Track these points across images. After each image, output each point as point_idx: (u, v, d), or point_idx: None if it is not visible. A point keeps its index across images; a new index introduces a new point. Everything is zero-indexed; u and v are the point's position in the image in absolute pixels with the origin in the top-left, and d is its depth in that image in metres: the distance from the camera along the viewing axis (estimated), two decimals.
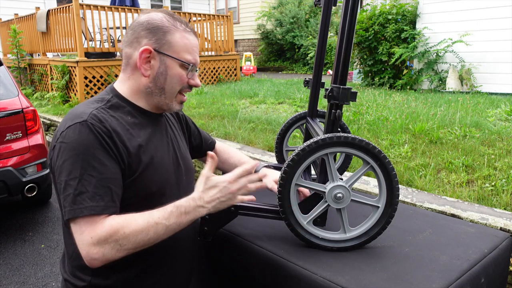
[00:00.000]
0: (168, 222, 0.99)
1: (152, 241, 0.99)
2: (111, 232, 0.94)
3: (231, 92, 6.89)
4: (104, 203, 0.96)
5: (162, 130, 1.21)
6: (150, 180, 1.08)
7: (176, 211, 1.00)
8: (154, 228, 0.97)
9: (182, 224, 1.02)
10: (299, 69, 13.75)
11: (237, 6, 16.06)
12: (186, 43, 1.12)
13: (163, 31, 1.10)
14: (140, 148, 1.08)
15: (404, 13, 7.18)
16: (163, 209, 1.00)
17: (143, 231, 0.96)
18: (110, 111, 1.09)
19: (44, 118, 6.30)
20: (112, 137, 1.02)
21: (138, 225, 0.96)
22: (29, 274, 2.77)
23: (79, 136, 0.98)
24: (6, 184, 3.14)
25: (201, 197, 1.04)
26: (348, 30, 1.20)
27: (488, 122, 4.00)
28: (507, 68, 6.34)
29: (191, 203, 1.03)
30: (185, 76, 1.13)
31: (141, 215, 0.98)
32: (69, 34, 7.19)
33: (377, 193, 1.19)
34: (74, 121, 1.00)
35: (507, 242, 1.30)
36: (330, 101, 1.20)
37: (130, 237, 0.95)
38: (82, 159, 0.96)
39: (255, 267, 1.23)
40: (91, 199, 0.95)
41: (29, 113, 3.36)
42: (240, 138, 4.21)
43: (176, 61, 1.11)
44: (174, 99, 1.15)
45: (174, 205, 1.01)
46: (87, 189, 0.95)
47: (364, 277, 1.04)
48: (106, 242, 0.93)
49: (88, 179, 0.95)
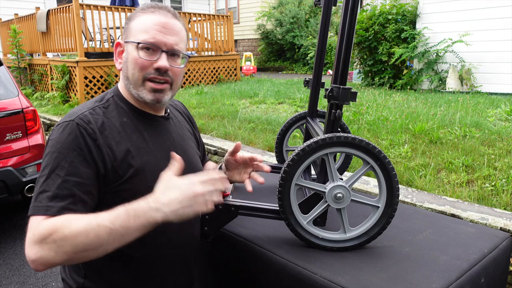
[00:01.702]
0: (113, 226, 0.85)
1: (95, 245, 0.86)
2: (51, 231, 0.85)
3: (231, 92, 6.89)
4: (61, 205, 0.90)
5: (163, 134, 1.15)
6: (142, 186, 1.00)
7: (124, 213, 0.86)
8: (95, 230, 0.85)
9: (130, 229, 0.86)
10: (299, 69, 13.74)
11: (237, 6, 16.06)
12: (144, 23, 1.05)
13: (130, 19, 1.08)
14: (130, 153, 1.03)
15: (404, 13, 7.18)
16: (112, 211, 0.88)
17: (82, 233, 0.85)
18: (106, 112, 1.06)
19: (44, 118, 6.30)
20: (96, 139, 0.98)
21: (78, 225, 0.85)
22: (29, 274, 2.77)
23: (60, 135, 0.97)
24: (6, 184, 3.14)
25: (156, 198, 0.88)
26: (348, 30, 1.20)
27: (488, 122, 4.00)
28: (507, 68, 6.34)
29: (142, 205, 0.87)
30: (139, 58, 1.03)
31: (87, 215, 0.89)
32: (69, 34, 7.18)
33: (377, 193, 1.19)
34: (64, 119, 1.00)
35: (507, 242, 1.30)
36: (330, 101, 1.20)
37: (68, 238, 0.85)
38: (55, 157, 0.95)
39: (255, 267, 1.23)
40: (50, 199, 0.91)
41: (29, 113, 3.36)
42: (240, 138, 4.21)
43: (132, 44, 1.05)
44: (140, 87, 1.06)
45: (123, 207, 0.88)
46: (50, 188, 0.92)
47: (364, 277, 1.04)
48: (44, 241, 0.85)
49: (54, 178, 0.93)
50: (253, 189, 1.67)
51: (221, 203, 1.05)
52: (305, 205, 1.20)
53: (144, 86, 1.06)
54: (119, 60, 1.10)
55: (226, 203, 1.22)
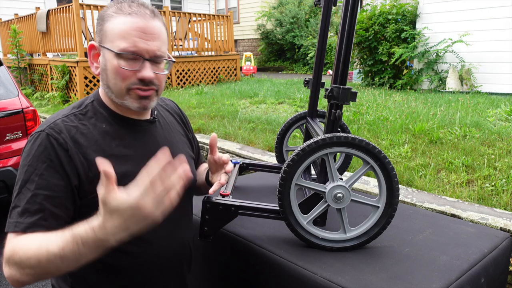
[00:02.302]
0: (63, 252, 0.79)
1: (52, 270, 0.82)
2: (11, 253, 0.84)
3: (231, 92, 6.89)
4: (30, 221, 0.86)
5: (147, 139, 1.08)
6: None
7: (72, 241, 0.78)
8: (46, 256, 0.80)
9: (82, 255, 0.79)
10: (299, 69, 13.75)
11: (237, 6, 16.06)
12: (121, 28, 0.94)
13: (103, 20, 0.98)
14: (109, 161, 0.91)
15: (404, 13, 7.18)
16: (62, 234, 0.80)
17: (33, 258, 0.81)
18: (83, 118, 1.00)
19: (44, 118, 6.30)
20: (68, 149, 0.93)
21: (30, 250, 0.82)
22: None
23: (30, 147, 0.93)
24: (6, 184, 3.14)
25: (103, 226, 0.76)
26: (348, 30, 1.20)
27: (488, 122, 4.00)
28: (507, 68, 6.34)
29: (89, 234, 0.77)
30: (121, 68, 0.95)
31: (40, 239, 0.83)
32: (69, 34, 7.19)
33: (377, 193, 1.19)
34: (37, 130, 0.96)
35: (507, 242, 1.30)
36: (330, 101, 1.20)
37: (24, 261, 0.82)
38: (25, 171, 0.91)
39: (255, 267, 1.23)
40: (19, 215, 0.87)
41: (29, 113, 3.36)
42: (240, 138, 4.21)
43: (110, 52, 0.95)
44: (125, 96, 0.99)
45: (71, 233, 0.79)
46: (20, 203, 0.88)
47: (364, 277, 1.04)
48: (9, 263, 0.84)
49: (24, 192, 0.89)
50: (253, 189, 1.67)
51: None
52: (305, 205, 1.20)
53: (128, 95, 0.98)
54: (95, 64, 1.02)
55: (226, 203, 1.22)
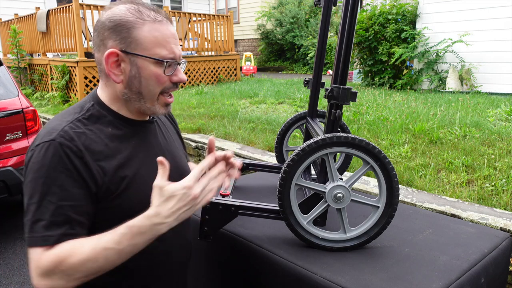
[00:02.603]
0: (120, 246, 0.86)
1: (106, 267, 0.88)
2: (57, 263, 0.85)
3: (231, 92, 6.89)
4: (60, 232, 0.87)
5: (151, 140, 1.09)
6: (134, 198, 0.97)
7: (129, 232, 0.86)
8: (103, 254, 0.86)
9: (139, 245, 0.88)
10: (299, 69, 13.75)
11: (237, 6, 16.06)
12: (157, 36, 0.96)
13: (127, 27, 0.95)
14: (120, 166, 0.97)
15: (404, 13, 7.18)
16: (114, 231, 0.87)
17: (90, 259, 0.85)
18: (88, 123, 0.98)
19: (44, 118, 6.30)
20: (83, 157, 0.92)
21: (85, 253, 0.85)
22: (29, 274, 2.77)
23: (43, 158, 0.90)
24: (6, 184, 3.14)
25: (157, 212, 0.87)
26: (348, 30, 1.20)
27: (488, 122, 4.00)
28: (507, 68, 6.34)
29: (145, 222, 0.87)
30: (163, 75, 0.98)
31: (89, 240, 0.88)
32: (69, 34, 7.19)
33: (377, 193, 1.19)
34: (43, 139, 0.92)
35: (507, 242, 1.30)
36: (330, 101, 1.20)
37: (77, 266, 0.85)
38: (42, 183, 0.89)
39: (255, 267, 1.23)
40: (46, 228, 0.87)
41: (29, 113, 3.36)
42: (240, 138, 4.21)
43: (148, 59, 0.96)
44: (156, 102, 1.02)
45: (126, 226, 0.87)
46: (44, 216, 0.87)
47: (364, 277, 1.04)
48: (53, 273, 0.85)
49: (47, 205, 0.88)
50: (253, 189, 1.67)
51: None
52: (305, 205, 1.20)
53: (158, 101, 1.02)
54: (114, 72, 0.98)
55: (226, 203, 1.22)
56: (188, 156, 1.48)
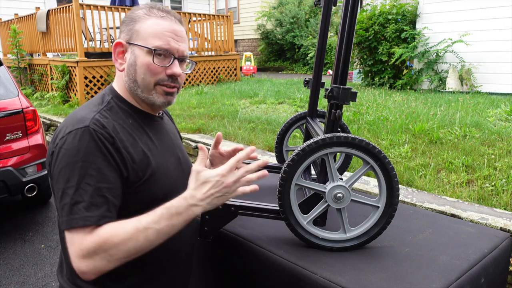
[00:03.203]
0: (159, 226, 0.92)
1: (144, 247, 0.93)
2: (100, 243, 0.89)
3: (231, 92, 6.89)
4: (99, 213, 0.92)
5: (164, 133, 1.17)
6: (156, 186, 1.04)
7: (167, 213, 0.93)
8: (144, 233, 0.91)
9: (175, 226, 0.95)
10: (299, 69, 13.75)
11: (237, 6, 16.06)
12: (155, 28, 1.03)
13: (134, 21, 1.05)
14: (145, 153, 1.04)
15: (404, 13, 7.18)
16: (153, 212, 0.94)
17: (132, 239, 0.90)
18: (111, 114, 1.04)
19: (44, 118, 6.30)
20: (115, 143, 0.97)
21: (127, 232, 0.90)
22: (29, 274, 2.77)
23: (79, 143, 0.94)
24: (6, 184, 3.14)
25: (193, 195, 0.96)
26: (348, 30, 1.20)
27: (488, 122, 4.00)
28: (507, 68, 6.34)
29: (182, 203, 0.95)
30: (154, 64, 1.03)
31: (129, 221, 0.93)
32: (69, 34, 7.19)
33: (377, 193, 1.19)
34: (75, 126, 0.96)
35: (507, 242, 1.30)
36: (330, 101, 1.20)
37: (119, 246, 0.90)
38: (80, 166, 0.92)
39: (255, 267, 1.23)
40: (86, 209, 0.90)
41: (29, 113, 3.36)
42: (240, 138, 4.21)
43: (143, 48, 1.03)
44: (152, 91, 1.07)
45: (164, 207, 0.94)
46: (83, 198, 0.91)
47: (364, 277, 1.04)
48: (95, 253, 0.89)
49: (85, 188, 0.91)
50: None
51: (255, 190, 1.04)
52: (305, 205, 1.20)
53: (155, 90, 1.07)
54: (119, 61, 1.08)
55: (226, 203, 1.22)
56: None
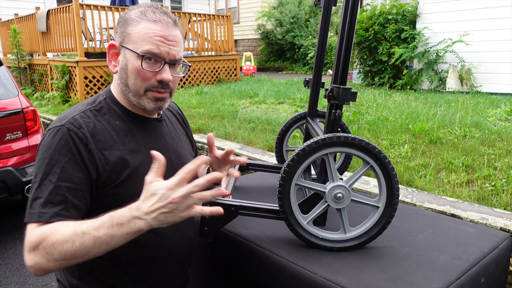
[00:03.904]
0: (97, 233, 0.85)
1: (82, 253, 0.86)
2: (41, 239, 0.87)
3: (231, 92, 6.89)
4: (54, 211, 0.91)
5: (156, 137, 1.14)
6: (132, 190, 0.98)
7: (108, 221, 0.86)
8: (80, 238, 0.85)
9: (115, 237, 0.85)
10: (299, 69, 13.74)
11: (237, 6, 16.06)
12: (146, 33, 1.01)
13: (127, 23, 1.04)
14: (123, 157, 1.02)
15: (404, 13, 7.18)
16: (97, 218, 0.88)
17: (68, 241, 0.85)
18: (98, 115, 1.04)
19: (44, 118, 6.30)
20: (87, 144, 0.98)
21: (64, 233, 0.86)
22: (29, 274, 2.77)
23: (51, 141, 0.97)
24: (6, 184, 3.14)
25: (138, 207, 0.85)
26: (348, 30, 1.20)
27: (488, 122, 4.00)
28: (507, 68, 6.34)
29: (126, 213, 0.85)
30: (142, 70, 1.01)
31: (74, 223, 0.89)
32: (69, 34, 7.19)
33: (377, 193, 1.19)
34: (54, 124, 1.00)
35: (507, 242, 1.30)
36: (330, 101, 1.20)
37: (56, 245, 0.86)
38: (47, 163, 0.94)
39: (255, 267, 1.23)
40: (42, 206, 0.91)
41: (29, 113, 3.36)
42: (240, 138, 4.21)
43: (132, 53, 1.02)
44: (143, 96, 1.05)
45: (108, 215, 0.87)
46: (42, 194, 0.92)
47: (364, 277, 1.04)
48: (36, 248, 0.87)
49: (46, 184, 0.93)
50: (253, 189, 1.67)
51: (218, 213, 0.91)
52: (305, 205, 1.20)
53: (145, 96, 1.05)
54: (113, 63, 1.08)
55: (226, 203, 1.22)
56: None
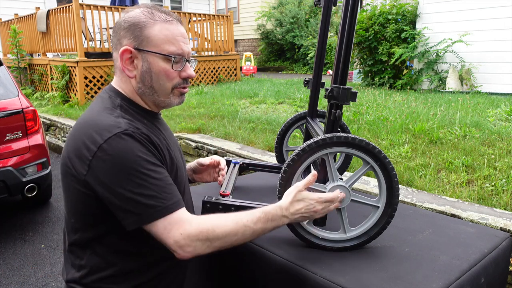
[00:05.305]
0: (256, 227, 1.02)
1: (238, 242, 1.02)
2: (202, 231, 0.97)
3: (231, 92, 6.89)
4: (175, 199, 0.99)
5: (167, 128, 1.22)
6: (178, 180, 1.11)
7: (264, 217, 1.03)
8: (242, 230, 1.00)
9: (266, 230, 1.04)
10: (299, 69, 13.74)
11: (237, 6, 16.05)
12: (166, 34, 1.04)
13: (140, 26, 1.04)
14: (168, 150, 1.09)
15: (404, 13, 7.18)
16: (251, 213, 1.03)
17: (231, 232, 0.99)
18: (131, 117, 1.05)
19: (44, 118, 6.30)
20: (153, 142, 1.02)
21: (228, 226, 0.99)
22: (29, 274, 2.77)
23: (127, 146, 0.95)
24: (6, 184, 3.14)
25: (287, 207, 1.05)
26: (348, 30, 1.20)
27: (488, 122, 4.00)
28: (507, 68, 6.34)
29: (278, 212, 1.05)
30: (172, 70, 1.06)
31: (229, 216, 1.02)
32: (69, 34, 7.19)
33: (377, 193, 1.19)
34: (112, 131, 0.96)
35: (507, 242, 1.30)
36: (330, 101, 1.20)
37: (220, 236, 0.98)
38: (138, 166, 0.95)
39: (255, 267, 1.23)
40: (165, 199, 0.97)
41: (29, 113, 3.36)
42: (240, 138, 4.21)
43: (157, 55, 1.04)
44: (170, 95, 1.10)
45: (262, 211, 1.03)
46: (156, 192, 0.96)
47: (364, 277, 1.04)
48: (197, 239, 0.97)
49: (152, 182, 0.96)
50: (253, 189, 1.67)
51: None
52: None
53: (172, 94, 1.10)
54: (128, 68, 1.06)
55: (226, 203, 1.22)
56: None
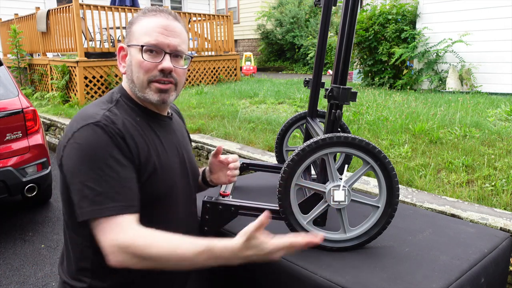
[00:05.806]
0: (196, 259, 0.92)
1: (172, 268, 0.96)
2: (133, 246, 0.91)
3: (231, 92, 6.89)
4: (124, 203, 0.94)
5: (171, 133, 1.19)
6: (159, 183, 1.06)
7: (208, 253, 0.92)
8: (177, 258, 0.92)
9: (208, 264, 0.94)
10: (299, 69, 13.74)
11: (237, 6, 16.05)
12: (146, 26, 1.06)
13: (131, 23, 1.09)
14: (150, 150, 1.06)
15: (404, 13, 7.18)
16: (194, 244, 0.93)
17: (164, 257, 0.92)
18: (120, 112, 1.06)
19: (44, 118, 6.30)
20: (125, 138, 1.00)
21: (161, 250, 0.92)
22: (29, 274, 2.77)
23: (94, 137, 0.96)
24: (6, 184, 3.13)
25: (239, 251, 0.93)
26: (348, 30, 1.20)
27: (488, 122, 4.00)
28: (507, 68, 6.34)
29: (225, 253, 0.93)
30: (143, 60, 1.05)
31: (167, 239, 0.93)
32: (69, 34, 7.18)
33: (377, 193, 1.19)
34: (87, 121, 0.98)
35: (507, 242, 1.30)
36: (330, 101, 1.20)
37: (152, 258, 0.92)
38: (99, 159, 0.94)
39: (255, 267, 1.23)
40: (111, 199, 0.93)
41: (29, 113, 3.36)
42: (240, 138, 4.21)
43: (135, 47, 1.06)
44: (146, 89, 1.07)
45: (207, 246, 0.92)
46: (106, 189, 0.93)
47: (364, 277, 1.04)
48: (126, 251, 0.91)
49: (106, 179, 0.94)
50: (253, 189, 1.67)
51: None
52: (305, 205, 1.20)
53: (149, 88, 1.07)
54: (122, 64, 1.11)
55: (226, 203, 1.22)
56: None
